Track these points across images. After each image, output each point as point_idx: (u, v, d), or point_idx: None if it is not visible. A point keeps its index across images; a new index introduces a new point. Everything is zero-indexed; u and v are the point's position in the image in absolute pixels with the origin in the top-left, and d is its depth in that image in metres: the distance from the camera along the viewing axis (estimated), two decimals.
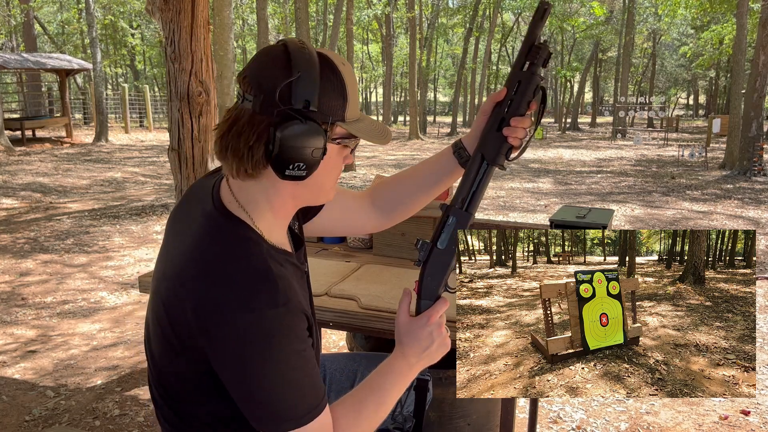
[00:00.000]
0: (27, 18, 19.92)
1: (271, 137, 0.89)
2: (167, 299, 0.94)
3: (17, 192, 8.90)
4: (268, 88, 0.90)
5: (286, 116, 0.89)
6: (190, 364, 0.94)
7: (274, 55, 0.92)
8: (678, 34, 34.40)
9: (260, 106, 0.90)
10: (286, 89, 0.89)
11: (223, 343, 0.88)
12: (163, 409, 1.04)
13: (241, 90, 0.93)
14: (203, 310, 0.88)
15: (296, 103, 0.89)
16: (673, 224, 7.55)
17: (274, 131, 0.89)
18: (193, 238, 0.96)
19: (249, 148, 0.91)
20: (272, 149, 0.90)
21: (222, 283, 0.89)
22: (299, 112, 0.90)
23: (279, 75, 0.89)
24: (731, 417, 2.75)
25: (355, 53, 31.08)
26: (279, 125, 0.89)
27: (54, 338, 3.69)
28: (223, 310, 0.87)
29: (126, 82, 29.16)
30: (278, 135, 0.89)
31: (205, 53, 2.88)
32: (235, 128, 0.92)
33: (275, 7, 24.92)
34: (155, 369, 1.02)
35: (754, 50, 12.10)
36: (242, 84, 0.93)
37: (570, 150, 19.11)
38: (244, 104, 0.92)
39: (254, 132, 0.91)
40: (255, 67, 0.93)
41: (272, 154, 0.90)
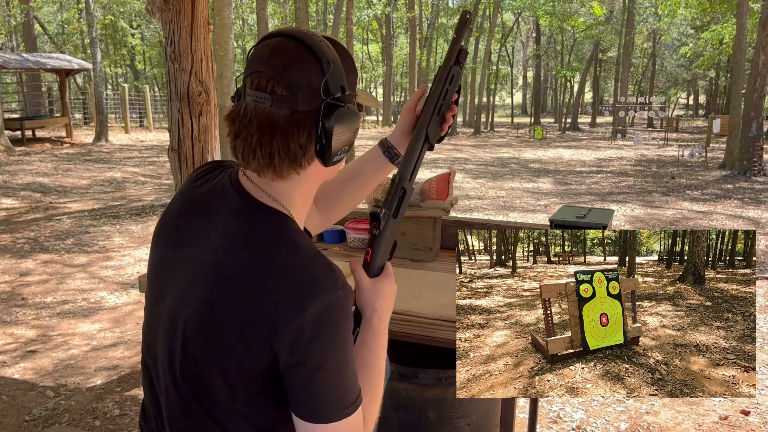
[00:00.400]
0: (27, 18, 19.92)
1: (321, 130, 0.90)
2: (214, 303, 0.90)
3: (17, 192, 8.90)
4: (302, 83, 0.89)
5: (330, 107, 0.90)
6: (247, 368, 0.90)
7: (292, 52, 0.91)
8: (678, 34, 34.40)
9: (301, 104, 0.90)
10: (325, 81, 0.90)
11: (297, 333, 0.85)
12: (194, 419, 0.97)
13: (260, 92, 0.90)
14: (274, 306, 0.86)
15: (335, 91, 0.91)
16: (673, 224, 7.55)
17: (323, 123, 0.90)
18: (230, 236, 0.93)
19: (301, 147, 0.91)
20: (324, 141, 0.91)
21: (287, 275, 0.88)
22: (339, 99, 0.91)
23: (311, 69, 0.90)
24: (731, 417, 2.75)
25: (355, 53, 31.09)
26: (327, 116, 0.90)
27: (54, 338, 3.69)
28: (294, 300, 0.86)
29: (126, 82, 29.17)
30: (328, 126, 0.90)
31: (205, 53, 2.88)
32: (278, 133, 0.90)
33: (275, 7, 24.93)
34: (193, 381, 0.94)
35: (754, 50, 12.10)
36: (259, 85, 0.90)
37: (570, 150, 19.11)
38: (273, 106, 0.89)
39: (302, 130, 0.90)
40: (273, 66, 0.90)
41: (323, 146, 0.91)
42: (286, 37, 0.92)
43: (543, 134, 24.17)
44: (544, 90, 46.26)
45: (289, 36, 0.92)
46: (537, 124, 29.89)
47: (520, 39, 45.70)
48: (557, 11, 25.71)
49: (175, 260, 0.99)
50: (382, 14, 23.19)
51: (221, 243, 0.93)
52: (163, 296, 0.99)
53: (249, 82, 0.92)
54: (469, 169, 13.34)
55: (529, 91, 49.65)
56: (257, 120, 0.90)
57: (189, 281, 0.94)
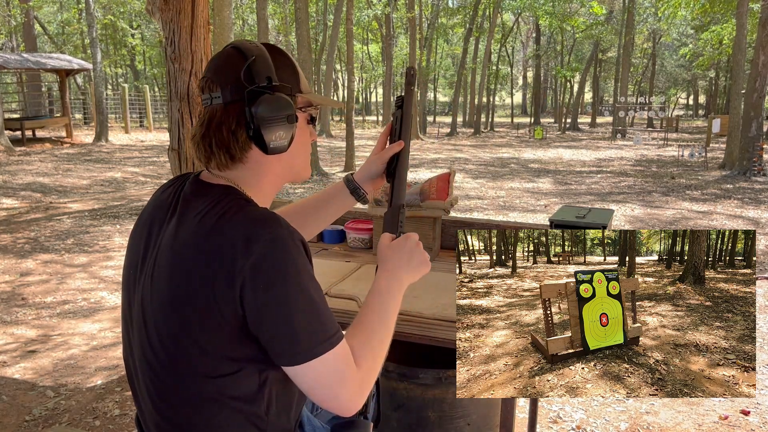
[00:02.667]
0: (27, 18, 19.91)
1: (249, 116, 0.99)
2: (177, 272, 0.95)
3: (17, 192, 8.90)
4: (231, 78, 1.00)
5: (255, 94, 0.99)
6: (218, 331, 0.93)
7: (225, 54, 1.04)
8: (678, 34, 34.39)
9: (230, 95, 1.00)
10: (248, 71, 0.99)
11: (251, 274, 0.89)
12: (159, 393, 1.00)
13: (206, 93, 1.02)
14: (224, 254, 0.91)
15: (260, 81, 1.00)
16: (673, 224, 7.55)
17: (250, 109, 0.99)
18: (183, 212, 1.00)
19: (232, 132, 1.00)
20: (253, 126, 0.99)
21: (231, 224, 0.93)
22: (265, 87, 1.00)
23: (237, 64, 1.00)
24: (731, 417, 2.75)
25: (355, 53, 31.08)
26: (252, 103, 0.99)
27: (54, 338, 3.69)
28: (240, 243, 0.91)
29: (126, 82, 29.17)
30: (254, 111, 0.98)
31: (205, 53, 2.88)
32: (214, 123, 1.01)
33: (275, 7, 24.91)
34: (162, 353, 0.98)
35: (754, 50, 12.10)
36: (205, 88, 1.03)
37: (570, 150, 19.11)
38: (213, 103, 1.01)
39: (233, 118, 1.00)
40: (212, 69, 1.03)
41: (254, 132, 0.99)
42: (228, 46, 1.05)
43: (543, 134, 24.17)
44: (544, 90, 46.26)
45: (230, 45, 1.05)
46: (537, 124, 29.89)
47: (520, 39, 45.69)
48: (557, 11, 25.69)
49: (144, 257, 1.05)
50: (382, 14, 23.18)
51: (176, 225, 1.00)
52: (136, 287, 1.04)
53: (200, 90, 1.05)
54: (469, 169, 13.34)
55: (529, 91, 49.64)
56: (203, 118, 1.03)
57: (157, 270, 0.99)
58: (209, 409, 0.97)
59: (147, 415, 1.04)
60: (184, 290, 0.94)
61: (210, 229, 0.94)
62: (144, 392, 1.03)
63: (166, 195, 1.10)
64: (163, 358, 0.98)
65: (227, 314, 0.91)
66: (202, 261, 0.92)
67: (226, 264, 0.90)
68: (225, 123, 1.00)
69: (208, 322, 0.92)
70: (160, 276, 0.98)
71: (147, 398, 1.02)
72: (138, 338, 1.01)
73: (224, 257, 0.91)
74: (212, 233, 0.93)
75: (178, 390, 0.98)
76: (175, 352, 0.96)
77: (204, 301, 0.92)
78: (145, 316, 1.00)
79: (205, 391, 0.96)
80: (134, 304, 1.03)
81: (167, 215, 1.04)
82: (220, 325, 0.92)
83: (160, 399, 1.01)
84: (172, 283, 0.95)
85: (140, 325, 1.00)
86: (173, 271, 0.96)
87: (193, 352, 0.94)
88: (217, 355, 0.94)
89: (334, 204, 1.34)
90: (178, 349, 0.96)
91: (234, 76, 1.00)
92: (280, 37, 24.39)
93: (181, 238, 0.97)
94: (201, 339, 0.93)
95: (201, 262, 0.92)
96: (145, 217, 1.10)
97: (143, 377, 1.02)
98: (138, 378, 1.04)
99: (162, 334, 0.97)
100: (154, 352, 0.98)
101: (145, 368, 1.00)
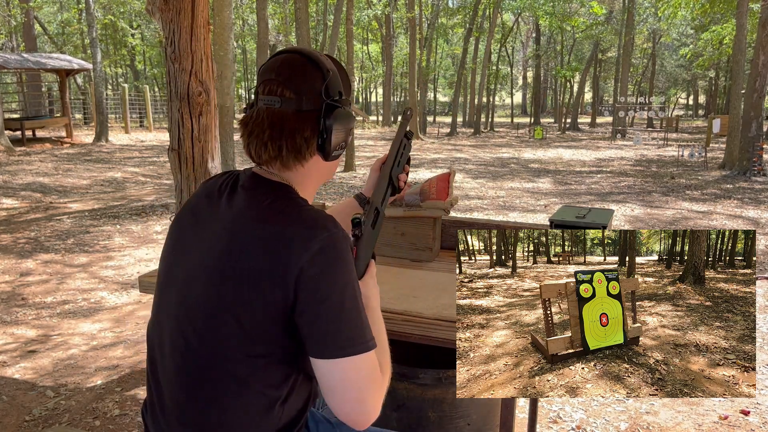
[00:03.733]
0: (27, 18, 19.91)
1: (323, 126, 1.07)
2: (230, 254, 1.00)
3: (17, 192, 8.90)
4: (307, 88, 1.07)
5: (330, 107, 1.08)
6: (261, 313, 0.97)
7: (296, 63, 1.09)
8: (678, 34, 34.38)
9: (306, 105, 1.06)
10: (326, 86, 1.07)
11: (305, 269, 0.96)
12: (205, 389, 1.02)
13: (271, 96, 1.07)
14: (282, 248, 0.97)
15: (334, 95, 1.09)
16: (672, 224, 7.55)
17: (324, 120, 1.07)
18: (242, 203, 1.06)
19: (305, 140, 1.07)
20: (325, 136, 1.07)
21: (290, 221, 1.00)
22: (337, 101, 1.09)
23: (315, 76, 1.07)
24: (731, 417, 2.75)
25: (355, 53, 31.06)
26: (327, 115, 1.07)
27: (54, 338, 3.69)
28: (299, 240, 0.97)
29: (126, 82, 29.15)
30: (328, 123, 1.07)
31: (205, 53, 2.88)
32: (286, 129, 1.06)
33: (275, 7, 24.91)
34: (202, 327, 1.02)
35: (754, 50, 12.10)
36: (271, 90, 1.07)
37: (570, 150, 19.11)
38: (282, 107, 1.06)
39: (307, 126, 1.07)
40: (283, 75, 1.08)
41: (324, 141, 1.08)
42: (293, 53, 1.11)
43: (543, 134, 24.17)
44: (544, 90, 46.25)
45: (295, 52, 1.11)
46: (537, 124, 29.88)
47: (520, 39, 45.68)
48: (557, 11, 25.69)
49: (191, 234, 1.11)
50: (382, 14, 23.18)
51: (235, 210, 1.06)
52: (179, 263, 1.09)
53: (261, 89, 1.09)
54: (469, 169, 13.34)
55: (529, 91, 49.64)
56: (268, 119, 1.06)
57: (207, 244, 1.05)
58: (236, 389, 1.01)
59: (167, 393, 1.07)
60: (239, 269, 0.98)
61: (273, 220, 1.01)
62: (170, 368, 1.06)
63: (218, 184, 1.14)
64: (202, 332, 1.01)
65: (277, 299, 0.96)
66: (260, 247, 0.98)
67: (285, 254, 0.96)
68: (299, 130, 1.06)
69: (256, 303, 0.97)
70: (212, 254, 1.02)
71: (173, 374, 1.05)
72: (175, 313, 1.06)
73: (284, 248, 0.97)
74: (275, 225, 1.00)
75: (210, 365, 1.01)
76: (216, 327, 1.00)
77: (258, 283, 0.97)
78: (188, 290, 1.04)
79: (237, 370, 1.00)
80: (176, 279, 1.08)
81: (220, 201, 1.10)
82: (266, 307, 0.97)
83: (188, 374, 1.04)
84: (226, 262, 1.00)
85: (181, 299, 1.05)
86: (229, 252, 1.00)
87: (233, 328, 0.98)
88: (255, 334, 0.98)
89: (344, 216, 1.41)
90: (220, 324, 0.99)
91: (312, 87, 1.07)
92: (280, 37, 24.38)
93: (240, 222, 1.03)
94: (244, 317, 0.98)
95: (259, 249, 0.98)
96: (193, 202, 1.16)
97: (173, 351, 1.05)
98: (165, 353, 1.07)
99: (206, 309, 1.01)
100: (194, 327, 1.02)
101: (179, 341, 1.04)
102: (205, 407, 1.03)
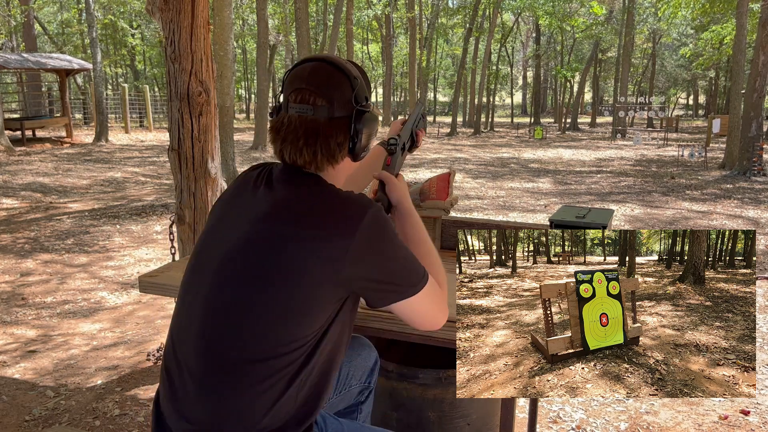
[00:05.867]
0: (27, 18, 19.91)
1: (353, 131, 1.17)
2: (280, 234, 1.08)
3: (18, 192, 8.90)
4: (338, 96, 1.15)
5: (359, 113, 1.17)
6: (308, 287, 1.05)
7: (328, 71, 1.17)
8: (678, 34, 34.37)
9: (337, 112, 1.16)
10: (355, 93, 1.17)
11: (364, 240, 1.07)
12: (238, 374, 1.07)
13: (303, 104, 1.15)
14: (336, 228, 1.07)
15: (362, 101, 1.18)
16: (672, 224, 7.55)
17: (355, 125, 1.17)
18: (284, 189, 1.15)
19: (338, 144, 1.16)
20: (356, 140, 1.17)
21: (338, 201, 1.11)
22: (365, 106, 1.18)
23: (344, 84, 1.17)
24: (731, 417, 2.75)
25: (355, 53, 31.04)
26: (357, 120, 1.17)
27: (54, 338, 3.69)
28: (350, 218, 1.08)
29: (126, 82, 29.14)
30: (358, 127, 1.17)
31: (205, 53, 2.88)
32: (320, 135, 1.15)
33: (275, 7, 24.90)
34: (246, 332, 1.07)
35: (754, 50, 12.10)
36: (305, 98, 1.15)
37: (570, 150, 19.11)
38: (316, 115, 1.14)
39: (339, 131, 1.16)
40: (314, 83, 1.15)
41: (354, 144, 1.17)
42: (320, 61, 1.18)
43: (543, 134, 24.17)
44: (544, 90, 46.24)
45: (322, 60, 1.19)
46: (537, 124, 29.88)
47: (520, 39, 45.68)
48: (557, 11, 25.68)
49: (229, 221, 1.17)
50: (382, 14, 23.18)
51: (277, 194, 1.14)
52: (216, 247, 1.16)
53: (292, 97, 1.16)
54: (469, 169, 13.35)
55: (529, 91, 49.63)
56: (302, 127, 1.14)
57: (247, 228, 1.12)
58: (260, 370, 1.06)
59: (187, 372, 1.10)
60: (283, 253, 1.06)
61: (315, 205, 1.10)
62: (197, 341, 1.10)
63: (255, 173, 1.23)
64: (235, 310, 1.07)
65: (327, 272, 1.05)
66: (304, 230, 1.07)
67: (338, 232, 1.06)
68: (332, 136, 1.15)
69: (305, 272, 1.05)
70: (252, 241, 1.10)
71: (201, 348, 1.09)
72: (212, 286, 1.12)
73: (337, 227, 1.07)
74: (318, 208, 1.09)
75: (237, 345, 1.07)
76: (259, 295, 1.06)
77: (304, 264, 1.05)
78: (229, 264, 1.11)
79: (263, 350, 1.06)
80: (213, 256, 1.14)
81: (258, 190, 1.17)
82: (313, 277, 1.05)
83: (213, 352, 1.08)
84: (268, 248, 1.07)
85: (221, 274, 1.11)
86: (270, 237, 1.08)
87: (280, 295, 1.05)
88: (302, 300, 1.06)
89: (373, 162, 1.54)
90: (263, 292, 1.06)
91: (343, 95, 1.16)
92: (280, 37, 24.37)
93: (282, 208, 1.11)
94: (291, 282, 1.05)
95: (303, 231, 1.07)
96: (231, 189, 1.25)
97: (203, 325, 1.10)
98: (191, 331, 1.12)
99: (253, 277, 1.07)
100: (235, 295, 1.08)
101: (218, 310, 1.09)
102: (226, 384, 1.07)
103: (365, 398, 1.57)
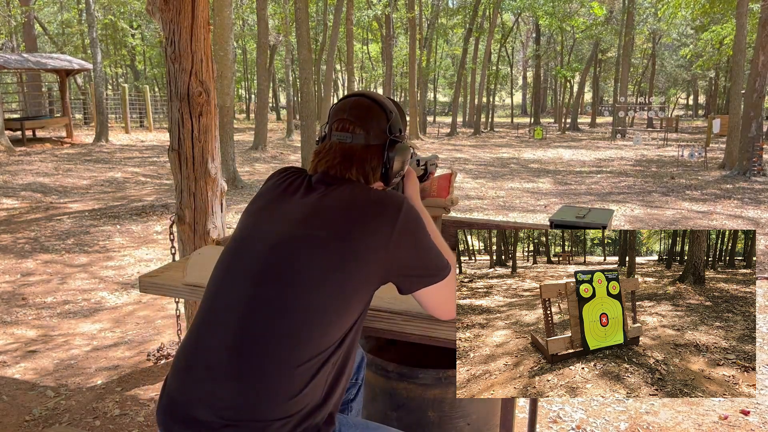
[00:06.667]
0: (27, 18, 19.91)
1: (386, 158, 1.30)
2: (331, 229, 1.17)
3: (18, 192, 8.90)
4: (374, 126, 1.30)
5: (392, 142, 1.31)
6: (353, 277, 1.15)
7: (367, 105, 1.32)
8: (678, 34, 34.35)
9: (373, 140, 1.29)
10: (389, 125, 1.31)
11: (401, 232, 1.18)
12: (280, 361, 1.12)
13: (344, 132, 1.29)
14: (378, 222, 1.17)
15: (395, 132, 1.32)
16: (672, 224, 7.55)
17: (388, 153, 1.30)
18: (326, 189, 1.25)
19: (372, 168, 1.30)
20: (388, 166, 1.30)
21: (376, 198, 1.22)
22: (398, 137, 1.32)
23: (380, 116, 1.31)
24: (731, 417, 2.75)
25: (355, 53, 31.02)
26: (390, 148, 1.31)
27: (54, 338, 3.69)
28: (389, 213, 1.19)
29: (126, 82, 29.13)
30: (391, 155, 1.30)
31: (205, 53, 2.88)
32: (356, 158, 1.28)
33: (275, 7, 24.90)
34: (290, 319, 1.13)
35: (754, 50, 12.10)
36: (345, 127, 1.29)
37: (570, 150, 19.11)
38: (354, 141, 1.28)
39: (372, 156, 1.29)
40: (354, 114, 1.30)
41: (387, 170, 1.30)
42: (361, 96, 1.34)
43: (543, 134, 24.17)
44: (544, 90, 46.22)
45: (362, 95, 1.34)
46: (537, 124, 29.88)
47: (520, 39, 45.65)
48: (557, 11, 25.67)
49: (275, 208, 1.27)
50: (382, 14, 23.17)
51: (321, 193, 1.24)
52: (258, 232, 1.24)
53: (335, 126, 1.31)
54: (469, 169, 13.35)
55: (528, 91, 49.62)
56: (341, 152, 1.29)
57: (294, 219, 1.21)
58: (306, 345, 1.12)
59: (218, 364, 1.13)
60: (342, 235, 1.16)
61: (355, 201, 1.20)
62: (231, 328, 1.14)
63: (291, 179, 1.31)
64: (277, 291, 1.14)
65: (371, 259, 1.16)
66: (349, 224, 1.17)
67: (382, 223, 1.17)
68: (367, 160, 1.29)
69: (360, 264, 1.15)
70: (308, 223, 1.19)
71: (239, 335, 1.13)
72: (254, 277, 1.18)
73: (380, 217, 1.18)
74: (359, 204, 1.20)
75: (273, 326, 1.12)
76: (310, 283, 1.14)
77: (358, 245, 1.15)
78: (276, 262, 1.17)
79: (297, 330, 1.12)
80: (255, 248, 1.21)
81: (298, 191, 1.27)
82: (366, 268, 1.15)
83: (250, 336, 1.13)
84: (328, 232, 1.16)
85: (265, 265, 1.18)
86: (325, 222, 1.18)
87: (334, 285, 1.14)
88: (352, 292, 1.15)
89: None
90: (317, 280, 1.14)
91: (378, 126, 1.30)
92: (280, 37, 24.36)
93: (326, 204, 1.21)
94: (343, 273, 1.14)
95: (349, 225, 1.17)
96: (263, 190, 1.34)
97: (240, 319, 1.15)
98: (220, 324, 1.16)
99: (303, 269, 1.15)
100: (280, 284, 1.14)
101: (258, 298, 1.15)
102: (259, 363, 1.11)
103: (354, 395, 1.62)
